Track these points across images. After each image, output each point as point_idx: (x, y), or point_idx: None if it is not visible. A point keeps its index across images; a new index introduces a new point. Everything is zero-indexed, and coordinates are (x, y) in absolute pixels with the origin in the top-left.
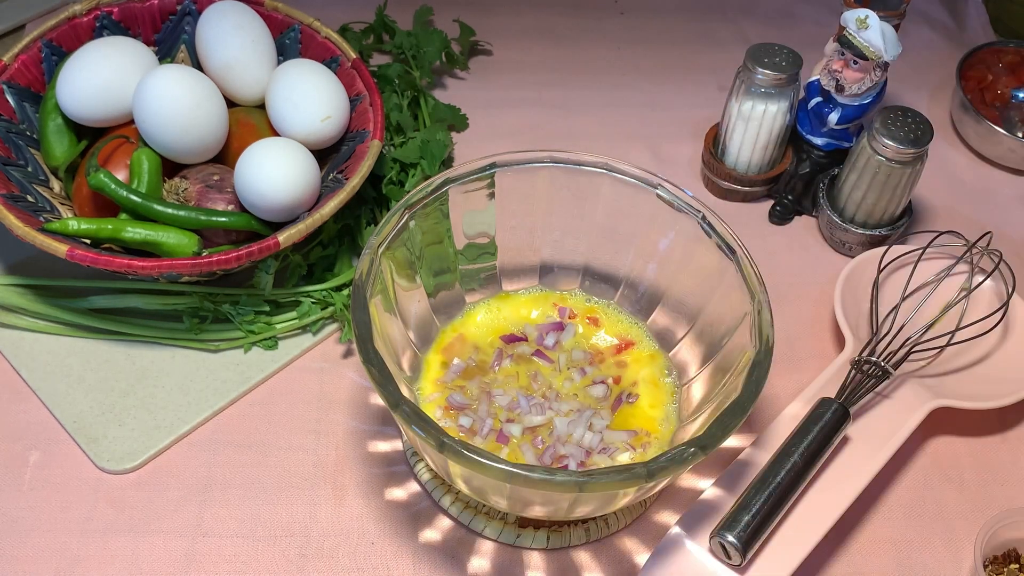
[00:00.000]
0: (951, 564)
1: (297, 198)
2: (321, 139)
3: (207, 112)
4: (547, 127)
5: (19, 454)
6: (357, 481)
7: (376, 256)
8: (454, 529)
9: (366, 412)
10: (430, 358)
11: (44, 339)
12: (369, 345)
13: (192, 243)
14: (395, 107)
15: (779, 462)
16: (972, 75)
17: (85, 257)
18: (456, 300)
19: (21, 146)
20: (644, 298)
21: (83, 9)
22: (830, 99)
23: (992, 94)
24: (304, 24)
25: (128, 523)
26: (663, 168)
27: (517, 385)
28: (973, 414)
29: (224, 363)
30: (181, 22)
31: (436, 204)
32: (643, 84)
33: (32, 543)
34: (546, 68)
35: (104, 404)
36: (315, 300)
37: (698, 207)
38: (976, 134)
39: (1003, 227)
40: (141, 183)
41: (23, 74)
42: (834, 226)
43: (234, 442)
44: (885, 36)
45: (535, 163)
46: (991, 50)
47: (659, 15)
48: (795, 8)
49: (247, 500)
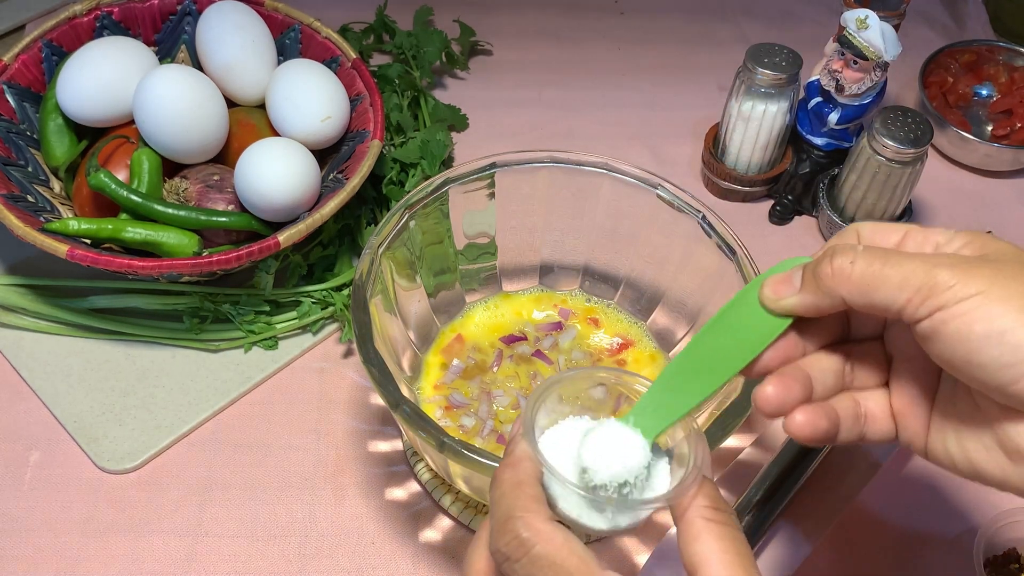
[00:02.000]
0: (951, 564)
1: (297, 198)
2: (321, 139)
3: (207, 112)
4: (547, 127)
5: (19, 454)
6: (357, 481)
7: (376, 256)
8: (454, 529)
9: (366, 412)
10: (430, 358)
11: (44, 339)
12: (369, 345)
13: (192, 243)
14: (395, 107)
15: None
16: (933, 81)
17: (85, 257)
18: (456, 300)
19: (21, 146)
20: (644, 298)
21: (83, 9)
22: (830, 99)
23: (955, 96)
24: (304, 24)
25: (128, 523)
26: (663, 168)
27: (517, 385)
28: None
29: (224, 363)
30: (181, 22)
31: (436, 204)
32: (643, 84)
33: (32, 543)
34: (546, 68)
35: (104, 404)
36: (315, 300)
37: (698, 207)
38: (949, 142)
39: (1003, 227)
40: (141, 183)
41: (23, 74)
42: (834, 226)
43: (234, 442)
44: (885, 36)
45: (535, 163)
46: (948, 53)
47: (659, 15)
48: (795, 8)
49: (247, 500)
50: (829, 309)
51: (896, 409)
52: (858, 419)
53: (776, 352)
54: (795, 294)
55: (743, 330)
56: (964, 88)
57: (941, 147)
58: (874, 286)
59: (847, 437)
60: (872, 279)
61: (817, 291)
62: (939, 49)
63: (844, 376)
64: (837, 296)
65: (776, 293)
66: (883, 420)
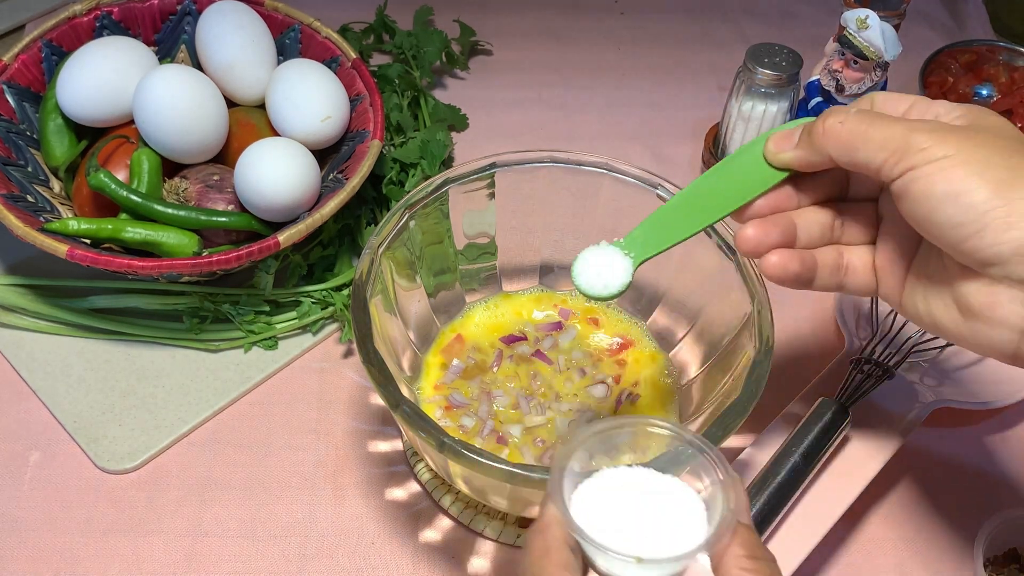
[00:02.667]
0: (952, 564)
1: (297, 198)
2: (321, 139)
3: (207, 112)
4: (547, 127)
5: (19, 454)
6: (357, 481)
7: (376, 256)
8: (454, 529)
9: (366, 412)
10: (430, 358)
11: (44, 339)
12: (369, 345)
13: (192, 243)
14: (395, 107)
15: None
16: (933, 81)
17: (85, 257)
18: (456, 300)
19: (21, 146)
20: (644, 298)
21: (83, 9)
22: (830, 99)
23: (955, 96)
24: (304, 24)
25: (128, 523)
26: (663, 168)
27: (517, 385)
28: (973, 414)
29: (224, 363)
30: (181, 22)
31: (436, 204)
32: (643, 84)
33: (32, 543)
34: (546, 68)
35: (104, 404)
36: (315, 300)
37: None
38: None
39: None
40: (141, 183)
41: (23, 74)
42: None
43: (234, 442)
44: (885, 36)
45: (535, 163)
46: (948, 53)
47: (659, 15)
48: (795, 8)
49: (247, 500)
50: (820, 165)
51: (878, 265)
52: (838, 269)
53: (768, 200)
54: (792, 149)
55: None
56: (964, 88)
57: None
58: (856, 145)
59: (825, 284)
60: (856, 138)
61: (809, 147)
62: (939, 49)
63: (833, 230)
64: (825, 153)
65: (777, 147)
66: (864, 274)
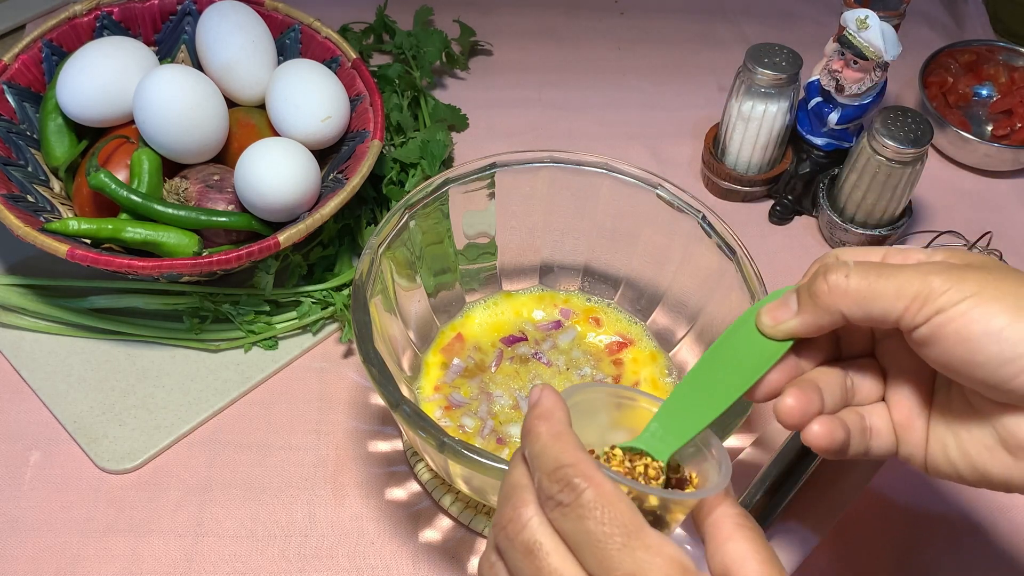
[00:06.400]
0: (952, 564)
1: (297, 198)
2: (321, 139)
3: (207, 112)
4: (547, 127)
5: (19, 454)
6: (357, 481)
7: (376, 256)
8: (454, 529)
9: (366, 412)
10: (430, 358)
11: (44, 339)
12: (369, 345)
13: (192, 243)
14: (395, 107)
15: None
16: (933, 81)
17: (85, 257)
18: (456, 300)
19: (21, 146)
20: (644, 298)
21: (83, 9)
22: (830, 99)
23: (955, 96)
24: (304, 24)
25: (128, 523)
26: (663, 168)
27: (517, 385)
28: None
29: (224, 363)
30: (181, 22)
31: (436, 204)
32: (643, 84)
33: (32, 543)
34: (546, 68)
35: (104, 404)
36: (315, 300)
37: (698, 207)
38: (949, 142)
39: (1003, 227)
40: (141, 183)
41: (23, 74)
42: (834, 226)
43: (234, 442)
44: (885, 36)
45: (535, 163)
46: (947, 53)
47: (659, 15)
48: (795, 8)
49: (247, 500)
50: (829, 326)
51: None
52: (864, 432)
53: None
54: (794, 316)
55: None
56: (964, 88)
57: (941, 147)
58: (871, 298)
59: (856, 450)
60: (868, 291)
61: (815, 309)
62: (939, 49)
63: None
64: (836, 311)
65: (775, 319)
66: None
